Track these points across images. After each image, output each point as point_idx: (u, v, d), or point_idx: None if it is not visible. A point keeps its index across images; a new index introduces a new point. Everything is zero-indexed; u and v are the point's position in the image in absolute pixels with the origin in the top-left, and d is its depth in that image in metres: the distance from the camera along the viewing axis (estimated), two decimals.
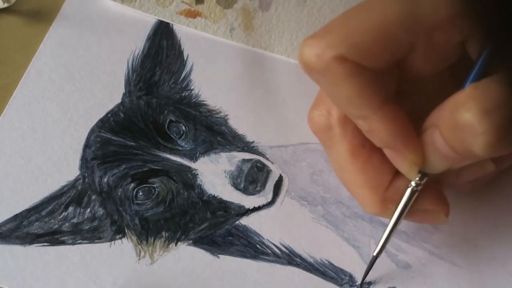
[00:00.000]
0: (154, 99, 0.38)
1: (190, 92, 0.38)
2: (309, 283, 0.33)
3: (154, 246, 0.34)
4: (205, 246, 0.34)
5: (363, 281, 0.33)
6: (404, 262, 0.34)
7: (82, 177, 0.35)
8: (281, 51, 0.39)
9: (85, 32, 0.39)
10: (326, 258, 0.34)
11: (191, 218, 0.34)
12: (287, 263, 0.33)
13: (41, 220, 0.34)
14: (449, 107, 0.25)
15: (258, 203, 0.35)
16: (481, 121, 0.24)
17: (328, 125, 0.30)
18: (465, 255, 0.34)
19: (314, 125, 0.30)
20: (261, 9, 0.40)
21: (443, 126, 0.26)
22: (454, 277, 0.33)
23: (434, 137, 0.26)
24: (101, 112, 0.37)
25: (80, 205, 0.35)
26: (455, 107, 0.25)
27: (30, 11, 0.40)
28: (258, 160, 0.35)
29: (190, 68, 0.39)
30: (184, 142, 0.36)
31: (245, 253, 0.34)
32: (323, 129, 0.30)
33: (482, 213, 0.35)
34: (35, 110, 0.37)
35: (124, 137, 0.36)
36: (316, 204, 0.35)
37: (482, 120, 0.24)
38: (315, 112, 0.30)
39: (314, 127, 0.30)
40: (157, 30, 0.40)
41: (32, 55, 0.39)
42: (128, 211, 0.35)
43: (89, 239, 0.34)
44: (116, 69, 0.38)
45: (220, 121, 0.37)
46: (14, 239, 0.34)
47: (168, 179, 0.35)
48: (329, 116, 0.29)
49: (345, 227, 0.34)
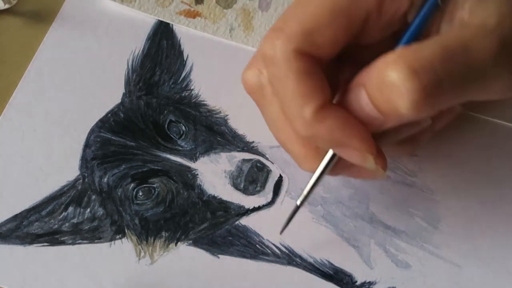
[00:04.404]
0: (154, 99, 0.38)
1: (190, 92, 0.38)
2: (309, 283, 0.33)
3: (154, 246, 0.34)
4: (205, 246, 0.34)
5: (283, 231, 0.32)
6: (404, 262, 0.34)
7: (82, 177, 0.35)
8: None
9: (85, 32, 0.39)
10: (326, 258, 0.34)
11: (191, 218, 0.34)
12: (287, 263, 0.33)
13: (41, 220, 0.34)
14: (377, 66, 0.25)
15: (258, 203, 0.35)
16: (407, 80, 0.24)
17: (260, 84, 0.29)
18: (465, 255, 0.34)
19: (247, 85, 0.30)
20: (261, 9, 0.40)
21: (369, 84, 0.26)
22: (454, 277, 0.33)
23: (360, 97, 0.26)
24: (101, 112, 0.37)
25: (80, 205, 0.35)
26: (383, 66, 0.25)
27: (30, 11, 0.40)
28: (258, 160, 0.35)
29: (190, 68, 0.39)
30: (184, 142, 0.36)
31: (245, 253, 0.34)
32: (255, 88, 0.30)
33: (482, 213, 0.35)
34: (35, 110, 0.37)
35: (124, 137, 0.36)
36: (316, 204, 0.35)
37: (408, 79, 0.24)
38: (248, 72, 0.30)
39: (247, 87, 0.30)
40: (157, 30, 0.40)
41: (32, 55, 0.39)
42: (128, 211, 0.35)
43: (89, 239, 0.34)
44: (116, 69, 0.38)
45: (220, 121, 0.37)
46: (14, 239, 0.34)
47: (168, 179, 0.35)
48: (261, 75, 0.29)
49: (345, 227, 0.34)
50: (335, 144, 0.27)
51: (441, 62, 0.24)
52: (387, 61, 0.25)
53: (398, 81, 0.24)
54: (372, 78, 0.25)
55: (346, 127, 0.26)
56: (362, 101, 0.26)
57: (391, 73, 0.24)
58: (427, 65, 0.24)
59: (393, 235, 0.34)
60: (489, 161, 0.36)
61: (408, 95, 0.24)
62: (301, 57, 0.26)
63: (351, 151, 0.27)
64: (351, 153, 0.27)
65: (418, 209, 0.35)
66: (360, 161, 0.27)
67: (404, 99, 0.24)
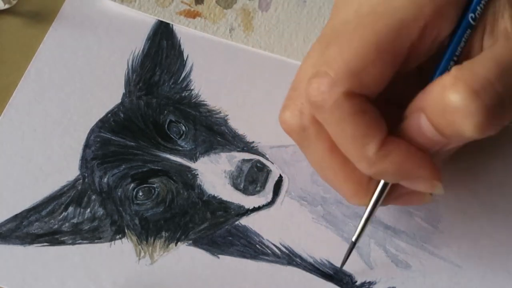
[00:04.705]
0: (154, 99, 0.38)
1: (190, 92, 0.38)
2: (309, 283, 0.33)
3: (154, 246, 0.34)
4: (205, 246, 0.34)
5: (342, 266, 0.33)
6: (404, 262, 0.33)
7: (82, 177, 0.35)
8: (280, 51, 0.39)
9: (85, 32, 0.39)
10: (326, 258, 0.34)
11: (191, 218, 0.34)
12: (287, 263, 0.33)
13: (41, 220, 0.34)
14: (435, 90, 0.25)
15: (258, 203, 0.35)
16: (470, 102, 0.23)
17: (301, 126, 0.29)
18: (466, 255, 0.34)
19: (287, 126, 0.29)
20: (261, 9, 0.40)
21: (429, 109, 0.25)
22: (454, 277, 0.33)
23: (420, 122, 0.26)
24: (101, 112, 0.37)
25: (80, 205, 0.35)
26: (441, 90, 0.24)
27: (30, 11, 0.40)
28: (258, 160, 0.35)
29: (190, 68, 0.39)
30: (184, 142, 0.36)
31: (245, 253, 0.34)
32: (297, 130, 0.29)
33: (482, 213, 0.35)
34: (35, 110, 0.37)
35: (124, 137, 0.36)
36: (316, 204, 0.35)
37: (471, 101, 0.23)
38: (287, 113, 0.29)
39: (287, 129, 0.30)
40: (157, 30, 0.40)
41: (32, 55, 0.39)
42: (128, 211, 0.35)
43: (89, 239, 0.34)
44: (116, 69, 0.38)
45: (220, 121, 0.37)
46: (14, 239, 0.34)
47: (168, 179, 0.35)
48: (302, 116, 0.29)
49: (345, 227, 0.34)
50: (402, 177, 0.27)
51: (499, 78, 0.24)
52: (445, 84, 0.24)
53: (460, 104, 0.24)
54: (431, 102, 0.25)
55: (410, 159, 0.26)
56: (423, 126, 0.26)
57: (451, 96, 0.24)
58: (486, 84, 0.24)
59: (393, 235, 0.34)
60: (489, 161, 0.36)
61: (473, 117, 0.24)
62: (351, 98, 0.26)
63: (419, 181, 0.27)
64: (419, 183, 0.27)
65: (418, 209, 0.35)
66: (429, 189, 0.27)
67: (468, 122, 0.24)
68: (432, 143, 0.26)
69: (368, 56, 0.25)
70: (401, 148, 0.26)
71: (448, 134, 0.25)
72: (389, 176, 0.27)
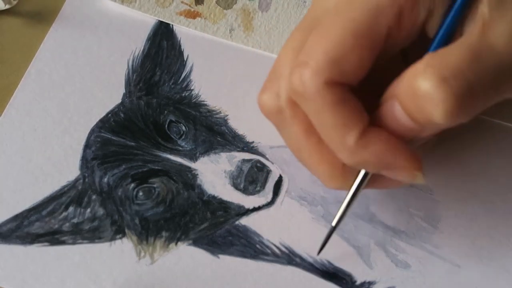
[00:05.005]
0: (154, 99, 0.38)
1: (190, 93, 0.38)
2: (309, 283, 0.33)
3: (154, 246, 0.34)
4: (205, 246, 0.34)
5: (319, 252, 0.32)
6: (404, 262, 0.34)
7: (82, 177, 0.35)
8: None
9: (85, 33, 0.39)
10: (326, 258, 0.34)
11: (191, 218, 0.34)
12: (287, 263, 0.33)
13: (42, 220, 0.34)
14: (407, 77, 0.25)
15: (258, 203, 0.35)
16: (439, 89, 0.24)
17: (278, 108, 0.29)
18: (465, 255, 0.34)
19: (264, 108, 0.30)
20: (261, 9, 0.40)
21: (402, 96, 0.25)
22: (454, 277, 0.33)
23: (394, 109, 0.26)
24: (101, 112, 0.37)
25: (80, 205, 0.35)
26: (413, 77, 0.25)
27: (30, 12, 0.40)
28: (258, 160, 0.35)
29: (190, 69, 0.39)
30: (184, 142, 0.36)
31: (245, 253, 0.34)
32: (273, 112, 0.29)
33: (482, 213, 0.35)
34: (35, 110, 0.37)
35: (124, 137, 0.36)
36: (316, 204, 0.35)
37: (440, 88, 0.24)
38: (264, 95, 0.30)
39: (264, 111, 0.30)
40: (157, 30, 0.40)
41: (33, 56, 0.39)
42: (128, 211, 0.35)
43: (89, 239, 0.34)
44: (116, 69, 0.38)
45: (220, 121, 0.37)
46: (14, 239, 0.34)
47: (168, 179, 0.35)
48: (278, 98, 0.29)
49: (345, 227, 0.34)
50: (382, 167, 0.27)
51: (469, 66, 0.24)
52: (416, 71, 0.24)
53: (429, 91, 0.24)
54: (403, 88, 0.25)
55: (390, 149, 0.26)
56: (397, 113, 0.26)
57: (421, 83, 0.24)
58: (456, 71, 0.24)
59: (393, 235, 0.34)
60: (489, 161, 0.36)
61: (442, 104, 0.24)
62: (332, 87, 0.26)
63: (400, 171, 0.27)
64: (400, 173, 0.27)
65: (418, 209, 0.35)
66: (409, 178, 0.27)
67: (437, 109, 0.24)
68: (406, 129, 0.26)
69: (347, 43, 0.26)
70: (382, 139, 0.26)
71: (420, 121, 0.25)
72: (369, 166, 0.27)
